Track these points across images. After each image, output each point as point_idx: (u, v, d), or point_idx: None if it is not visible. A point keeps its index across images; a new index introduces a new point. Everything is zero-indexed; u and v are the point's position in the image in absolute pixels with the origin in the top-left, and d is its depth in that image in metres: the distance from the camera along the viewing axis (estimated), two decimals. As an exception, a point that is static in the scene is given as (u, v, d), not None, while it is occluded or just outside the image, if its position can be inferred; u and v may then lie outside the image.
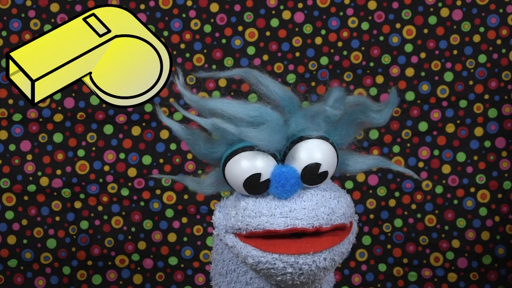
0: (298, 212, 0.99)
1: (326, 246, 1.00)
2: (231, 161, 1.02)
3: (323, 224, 0.99)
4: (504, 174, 1.85)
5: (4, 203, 1.83)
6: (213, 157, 1.07)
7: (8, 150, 1.83)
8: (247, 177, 1.01)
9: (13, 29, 1.81)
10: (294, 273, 1.00)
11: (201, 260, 1.86)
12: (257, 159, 1.01)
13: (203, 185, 1.10)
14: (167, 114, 1.84)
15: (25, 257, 1.84)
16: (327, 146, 1.03)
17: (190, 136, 1.09)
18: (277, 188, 1.00)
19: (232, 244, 1.03)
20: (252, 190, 1.01)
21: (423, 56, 1.84)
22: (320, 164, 1.01)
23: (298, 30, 1.84)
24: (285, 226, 0.98)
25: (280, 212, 0.99)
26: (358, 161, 1.11)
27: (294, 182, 1.00)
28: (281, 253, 0.99)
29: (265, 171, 1.01)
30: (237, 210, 1.02)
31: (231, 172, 1.02)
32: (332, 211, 1.01)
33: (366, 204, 1.86)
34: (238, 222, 1.01)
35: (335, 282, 1.16)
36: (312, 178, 1.01)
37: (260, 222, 0.99)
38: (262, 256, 1.00)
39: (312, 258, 0.99)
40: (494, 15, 1.82)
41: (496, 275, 1.87)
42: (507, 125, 1.85)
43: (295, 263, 0.99)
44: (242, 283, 1.11)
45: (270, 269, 1.00)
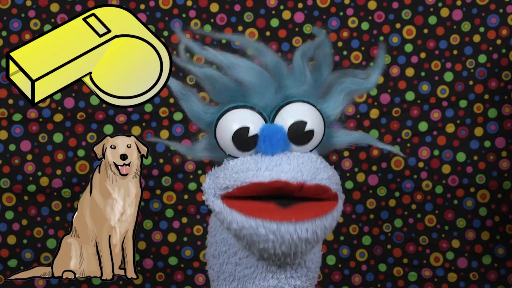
0: (284, 166, 1.02)
1: (309, 216, 1.02)
2: (222, 118, 1.07)
3: (307, 181, 1.01)
4: (504, 174, 1.85)
5: (4, 203, 1.83)
6: (205, 118, 1.11)
7: (8, 150, 1.83)
8: (236, 129, 1.05)
9: (13, 29, 1.81)
10: (275, 241, 1.01)
11: (201, 260, 1.86)
12: (246, 115, 1.06)
13: (195, 150, 1.14)
14: (167, 114, 1.85)
15: (25, 257, 1.84)
16: (313, 109, 1.07)
17: (185, 93, 1.13)
18: (264, 143, 1.04)
19: (219, 209, 1.06)
20: (241, 144, 1.05)
21: (423, 56, 1.84)
22: (306, 122, 1.05)
23: (298, 30, 1.84)
24: (270, 179, 1.01)
25: (266, 166, 1.02)
26: (345, 134, 1.14)
27: (280, 137, 1.04)
28: (264, 218, 1.01)
29: (254, 127, 1.05)
30: (225, 171, 1.06)
31: (221, 128, 1.06)
32: (317, 170, 1.03)
33: (366, 204, 1.86)
34: (226, 180, 1.04)
35: (323, 255, 1.17)
36: (299, 136, 1.05)
37: (246, 176, 1.02)
38: (246, 221, 1.02)
39: (294, 227, 1.01)
40: (494, 15, 1.82)
41: (496, 275, 1.87)
42: (507, 125, 1.85)
43: (277, 230, 1.01)
44: (232, 264, 1.14)
45: (253, 235, 1.02)
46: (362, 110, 1.83)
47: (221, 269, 1.15)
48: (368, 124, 1.83)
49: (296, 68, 1.09)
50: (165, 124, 1.84)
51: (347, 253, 1.88)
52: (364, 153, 1.86)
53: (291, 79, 1.08)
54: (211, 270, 1.19)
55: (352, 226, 1.87)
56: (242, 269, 1.12)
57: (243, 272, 1.12)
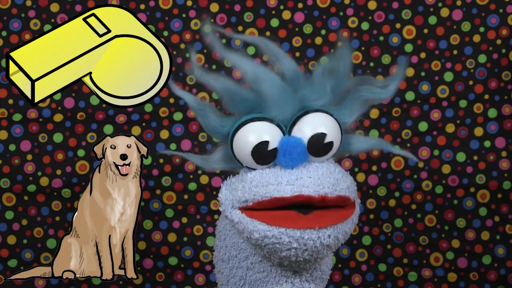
0: (305, 180, 1.01)
1: (332, 222, 1.02)
2: (239, 131, 1.04)
3: (329, 193, 1.01)
4: (504, 174, 1.85)
5: (4, 203, 1.83)
6: (222, 131, 1.08)
7: (8, 150, 1.83)
8: (255, 144, 1.03)
9: (13, 29, 1.81)
10: (298, 248, 1.01)
11: (201, 260, 1.86)
12: (264, 129, 1.04)
13: (211, 161, 1.11)
14: (167, 114, 1.85)
15: (25, 257, 1.84)
16: (330, 119, 1.05)
17: (202, 107, 1.10)
18: (284, 157, 1.03)
19: (238, 219, 1.04)
20: (260, 158, 1.04)
21: (423, 56, 1.84)
22: (326, 134, 1.04)
23: (298, 30, 1.84)
24: (292, 193, 1.00)
25: (287, 180, 1.01)
26: (360, 141, 1.13)
27: (301, 150, 1.03)
28: (287, 227, 1.00)
29: (273, 140, 1.03)
30: (244, 183, 1.04)
31: (239, 142, 1.04)
32: (337, 182, 1.03)
33: (366, 204, 1.86)
34: (245, 193, 1.03)
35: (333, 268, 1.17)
36: (318, 148, 1.04)
37: (267, 190, 1.01)
38: (269, 230, 1.01)
39: (317, 234, 1.01)
40: (494, 15, 1.82)
41: (496, 275, 1.87)
42: (507, 125, 1.85)
43: (300, 238, 1.00)
44: (243, 268, 1.13)
45: (276, 244, 1.01)
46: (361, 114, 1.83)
47: (231, 273, 1.14)
48: (368, 124, 1.83)
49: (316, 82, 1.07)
50: (165, 124, 1.84)
51: (347, 253, 1.88)
52: (364, 153, 1.85)
53: (309, 91, 1.06)
54: (220, 274, 1.17)
55: (352, 226, 1.87)
56: (254, 273, 1.12)
57: (255, 276, 1.12)
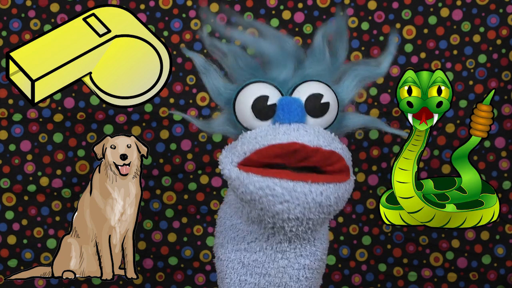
0: (301, 132, 1.05)
1: (324, 180, 1.05)
2: (242, 91, 1.10)
3: (323, 146, 1.05)
4: (503, 174, 1.85)
5: (4, 203, 1.83)
6: (225, 94, 1.15)
7: (8, 150, 1.83)
8: (255, 98, 1.09)
9: (13, 29, 1.81)
10: (291, 202, 1.04)
11: (201, 260, 1.86)
12: (266, 88, 1.10)
13: (212, 125, 1.17)
14: (167, 114, 1.84)
15: (25, 257, 1.84)
16: (328, 88, 1.11)
17: (208, 68, 1.16)
18: (282, 111, 1.08)
19: (236, 175, 1.07)
20: (260, 112, 1.09)
21: (423, 56, 1.84)
22: (322, 95, 1.10)
23: (298, 30, 1.84)
24: (287, 141, 1.04)
25: (284, 131, 1.06)
26: (356, 116, 1.18)
27: (298, 106, 1.08)
28: (280, 177, 1.04)
29: (272, 96, 1.09)
30: (243, 139, 1.09)
31: (241, 100, 1.10)
32: (333, 140, 1.08)
33: (366, 204, 1.86)
34: (244, 146, 1.07)
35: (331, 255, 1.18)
36: (315, 107, 1.09)
37: (265, 140, 1.06)
38: (263, 181, 1.04)
39: (310, 188, 1.04)
40: (494, 15, 1.83)
41: (495, 274, 1.87)
42: (506, 125, 1.85)
43: (293, 190, 1.03)
44: (241, 250, 1.16)
45: (269, 196, 1.04)
46: (362, 110, 1.83)
47: (230, 258, 1.17)
48: (368, 124, 1.83)
49: (316, 48, 1.14)
50: (165, 124, 1.84)
51: (347, 253, 1.88)
52: (364, 153, 1.86)
53: (309, 60, 1.13)
54: (219, 261, 1.20)
55: (352, 226, 1.87)
56: (251, 254, 1.14)
57: (252, 257, 1.14)
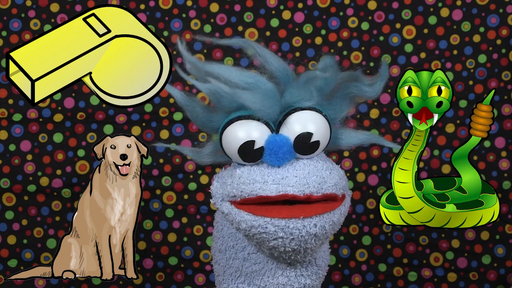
0: (290, 179, 1.03)
1: (317, 212, 1.03)
2: (227, 129, 1.06)
3: (314, 192, 1.03)
4: (503, 174, 1.85)
5: (4, 203, 1.83)
6: (210, 126, 1.11)
7: (8, 150, 1.83)
8: (241, 143, 1.05)
9: (13, 29, 1.81)
10: (285, 238, 1.03)
11: (201, 260, 1.86)
12: (252, 127, 1.06)
13: (202, 155, 1.14)
14: (167, 114, 1.85)
15: (25, 257, 1.84)
16: (319, 117, 1.06)
17: (189, 103, 1.13)
18: (270, 156, 1.04)
19: (228, 211, 1.07)
20: (246, 156, 1.06)
21: (423, 56, 1.84)
22: (312, 134, 1.05)
23: (298, 30, 1.84)
24: (277, 192, 1.02)
25: (272, 179, 1.03)
26: (351, 136, 1.14)
27: (287, 150, 1.04)
28: (272, 217, 1.02)
29: (259, 139, 1.05)
30: (232, 179, 1.06)
31: (227, 140, 1.06)
32: (323, 180, 1.04)
33: (366, 204, 1.86)
34: (233, 189, 1.05)
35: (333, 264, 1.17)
36: (304, 147, 1.06)
37: (253, 188, 1.03)
38: (255, 220, 1.03)
39: (303, 223, 1.02)
40: (494, 15, 1.83)
41: (495, 274, 1.87)
42: (506, 125, 1.85)
43: (285, 227, 1.02)
44: (239, 259, 1.14)
45: (262, 234, 1.03)
46: (362, 110, 1.83)
47: (228, 264, 1.16)
48: (368, 124, 1.83)
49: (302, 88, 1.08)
50: (165, 124, 1.84)
51: (347, 253, 1.88)
52: (364, 153, 1.86)
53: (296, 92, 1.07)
54: (217, 265, 1.19)
55: (352, 226, 1.87)
56: (250, 264, 1.13)
57: (251, 268, 1.13)
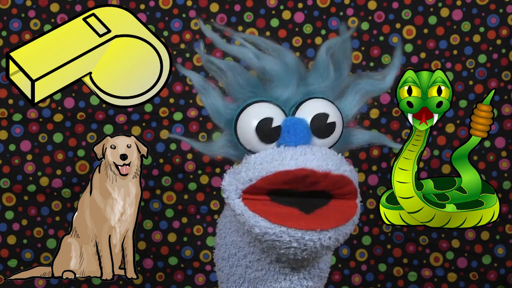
0: (309, 156, 1.01)
1: (334, 224, 1.02)
2: (243, 112, 1.05)
3: (333, 170, 1.01)
4: (503, 174, 1.85)
5: (4, 203, 1.83)
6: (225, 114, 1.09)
7: (8, 150, 1.83)
8: (259, 121, 1.03)
9: (13, 29, 1.81)
10: (298, 248, 1.01)
11: (201, 260, 1.86)
12: (268, 109, 1.05)
13: (213, 147, 1.11)
14: (167, 114, 1.84)
15: (25, 257, 1.84)
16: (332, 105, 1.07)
17: (207, 87, 1.11)
18: (288, 133, 1.03)
19: (240, 211, 1.03)
20: (264, 135, 1.04)
21: (423, 56, 1.84)
22: (328, 115, 1.05)
23: (298, 30, 1.84)
24: (296, 167, 1.00)
25: (291, 156, 1.01)
26: (361, 133, 1.14)
27: (304, 128, 1.04)
28: (289, 226, 1.00)
29: (276, 118, 1.04)
30: (247, 164, 1.04)
31: (244, 122, 1.05)
32: (341, 162, 1.03)
33: (366, 204, 1.86)
34: (249, 172, 1.02)
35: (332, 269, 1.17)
36: (321, 128, 1.05)
37: (272, 166, 1.01)
38: (270, 228, 1.01)
39: (318, 235, 1.01)
40: (494, 15, 1.82)
41: (495, 274, 1.87)
42: (506, 125, 1.85)
43: (301, 238, 1.00)
44: (242, 266, 1.13)
45: (275, 241, 1.01)
46: (362, 110, 1.83)
47: (231, 271, 1.14)
48: (368, 124, 1.83)
49: (320, 63, 1.09)
50: (165, 124, 1.84)
51: (347, 253, 1.88)
52: (364, 153, 1.85)
53: (313, 75, 1.09)
54: (220, 272, 1.18)
55: (352, 226, 1.87)
56: (252, 271, 1.12)
57: (253, 274, 1.12)
